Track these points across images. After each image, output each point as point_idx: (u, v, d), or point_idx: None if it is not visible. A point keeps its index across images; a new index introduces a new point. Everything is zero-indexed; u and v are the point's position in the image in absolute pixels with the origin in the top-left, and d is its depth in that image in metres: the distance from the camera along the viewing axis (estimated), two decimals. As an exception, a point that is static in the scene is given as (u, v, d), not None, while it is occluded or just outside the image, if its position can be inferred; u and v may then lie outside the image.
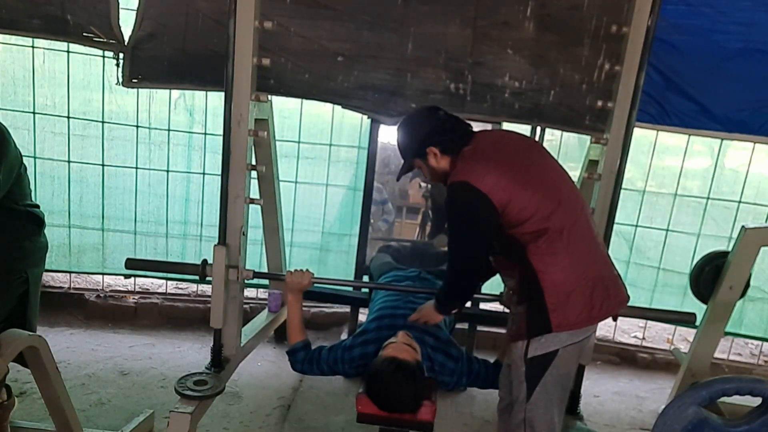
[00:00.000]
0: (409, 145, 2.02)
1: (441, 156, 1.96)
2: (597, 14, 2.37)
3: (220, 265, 2.30)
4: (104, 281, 3.76)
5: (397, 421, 2.02)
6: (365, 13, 2.44)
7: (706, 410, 1.73)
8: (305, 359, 2.27)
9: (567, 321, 1.84)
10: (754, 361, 3.80)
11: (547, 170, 1.96)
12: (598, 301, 1.86)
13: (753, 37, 2.73)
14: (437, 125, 1.97)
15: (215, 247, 2.32)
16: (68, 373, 2.91)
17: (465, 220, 1.89)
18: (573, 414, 2.44)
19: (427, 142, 1.96)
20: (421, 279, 2.62)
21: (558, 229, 1.82)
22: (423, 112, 2.04)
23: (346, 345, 2.25)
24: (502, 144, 1.99)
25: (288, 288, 2.37)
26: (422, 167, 2.03)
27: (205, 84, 2.65)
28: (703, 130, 3.00)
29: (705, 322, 2.74)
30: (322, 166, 3.49)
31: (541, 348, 1.86)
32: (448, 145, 1.95)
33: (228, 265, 2.32)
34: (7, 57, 3.21)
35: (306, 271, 2.36)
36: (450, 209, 1.90)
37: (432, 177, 2.04)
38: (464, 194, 1.83)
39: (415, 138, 1.99)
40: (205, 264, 2.36)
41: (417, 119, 2.03)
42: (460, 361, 2.19)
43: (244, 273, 2.40)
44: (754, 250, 2.61)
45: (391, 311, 2.35)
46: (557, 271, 1.83)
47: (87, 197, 3.44)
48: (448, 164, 1.96)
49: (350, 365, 2.22)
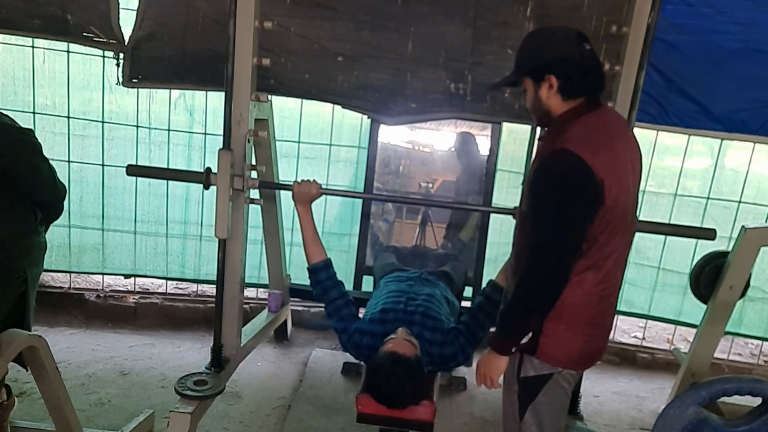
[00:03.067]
0: (530, 59, 1.68)
1: (554, 93, 1.63)
2: (597, 14, 2.37)
3: (225, 171, 2.19)
4: (104, 281, 3.75)
5: (397, 421, 2.02)
6: (365, 13, 2.44)
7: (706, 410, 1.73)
8: (327, 291, 2.25)
9: (553, 354, 1.68)
10: (754, 361, 3.80)
11: (634, 187, 1.71)
12: (590, 349, 1.72)
13: (753, 37, 2.73)
14: (575, 57, 1.61)
15: (220, 151, 2.21)
16: (68, 373, 2.91)
17: (559, 201, 1.55)
18: (573, 414, 2.44)
19: (552, 67, 1.62)
20: (423, 280, 2.62)
21: (610, 253, 1.63)
22: (569, 33, 1.64)
23: (360, 328, 2.22)
24: (619, 136, 1.68)
25: (296, 199, 2.32)
26: (528, 90, 1.69)
27: (205, 84, 2.65)
28: (703, 130, 3.00)
29: (705, 322, 2.74)
30: (322, 166, 3.49)
31: (534, 369, 1.71)
32: (570, 87, 1.62)
33: (233, 174, 2.24)
34: (7, 57, 3.21)
35: (313, 181, 2.33)
36: (549, 182, 1.57)
37: (532, 107, 1.71)
38: (563, 171, 1.54)
39: (542, 55, 1.64)
40: (209, 172, 2.26)
41: (555, 37, 1.66)
42: (455, 342, 2.17)
43: (249, 182, 2.31)
44: (754, 250, 2.61)
45: (393, 306, 2.36)
46: (575, 295, 1.62)
47: (87, 197, 3.44)
48: (558, 107, 1.65)
49: (355, 348, 2.21)
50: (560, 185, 1.55)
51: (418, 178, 4.03)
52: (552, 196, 1.56)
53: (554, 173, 1.56)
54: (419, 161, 4.17)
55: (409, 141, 4.14)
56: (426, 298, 2.40)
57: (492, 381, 1.74)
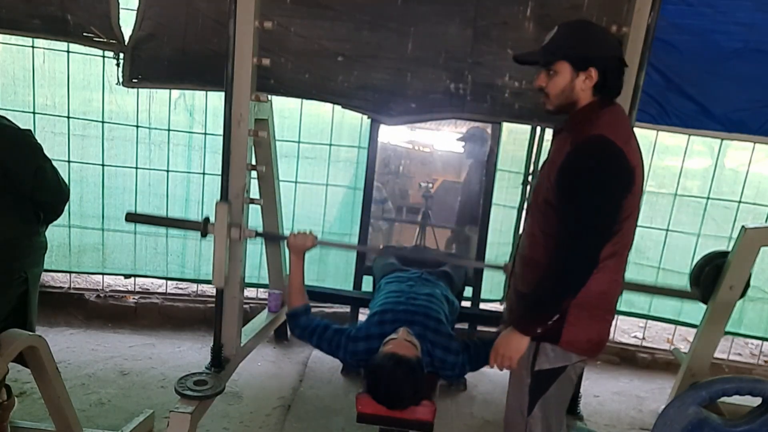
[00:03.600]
0: (576, 47, 1.67)
1: (589, 86, 1.66)
2: (597, 14, 2.36)
3: (222, 222, 2.24)
4: (104, 281, 3.75)
5: (397, 421, 2.02)
6: (365, 13, 2.44)
7: (706, 410, 1.73)
8: (307, 327, 2.25)
9: (576, 341, 1.72)
10: (754, 361, 3.80)
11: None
12: (604, 335, 1.78)
13: (753, 37, 2.73)
14: (617, 59, 1.69)
15: (218, 203, 2.25)
16: (68, 373, 2.91)
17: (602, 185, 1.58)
18: (573, 414, 2.44)
19: (598, 62, 1.65)
20: (423, 280, 2.62)
21: (627, 242, 1.70)
22: (611, 34, 1.74)
23: (351, 335, 2.23)
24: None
25: (291, 249, 2.35)
26: (561, 75, 1.68)
27: (205, 84, 2.65)
28: (703, 130, 3.00)
29: (705, 322, 2.74)
30: (322, 166, 3.49)
31: (549, 362, 1.75)
32: (604, 84, 1.67)
33: (231, 224, 2.27)
34: (7, 57, 3.21)
35: (309, 233, 2.35)
36: (589, 167, 1.59)
37: (558, 94, 1.70)
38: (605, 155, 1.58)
39: (590, 46, 1.66)
40: (207, 221, 2.30)
41: (605, 34, 1.73)
42: (460, 354, 2.18)
43: (246, 232, 2.35)
44: (754, 250, 2.61)
45: (393, 306, 2.35)
46: (599, 282, 1.66)
47: (87, 197, 3.44)
48: (584, 99, 1.68)
49: (353, 357, 2.21)
50: (600, 169, 1.58)
51: (418, 178, 4.04)
52: (593, 180, 1.58)
53: (594, 158, 1.59)
54: (419, 161, 4.17)
55: (409, 141, 4.15)
56: (427, 298, 2.40)
57: (511, 361, 1.73)
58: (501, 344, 1.73)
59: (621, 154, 1.58)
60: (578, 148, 1.61)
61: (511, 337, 1.71)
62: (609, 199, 1.59)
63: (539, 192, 1.75)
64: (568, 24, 1.73)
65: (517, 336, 1.70)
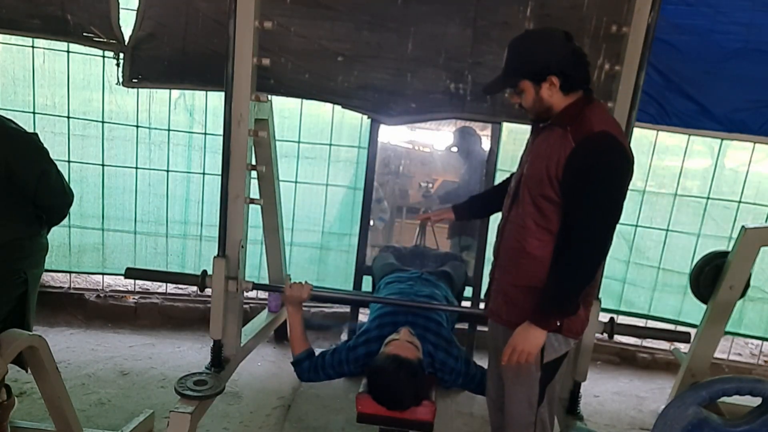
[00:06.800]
0: (526, 63, 1.74)
1: (556, 90, 1.72)
2: (597, 14, 2.36)
3: (219, 276, 2.32)
4: (104, 281, 3.75)
5: (398, 422, 2.02)
6: (365, 13, 2.44)
7: (706, 410, 1.73)
8: (311, 368, 2.27)
9: (575, 327, 1.82)
10: (754, 361, 3.80)
11: None
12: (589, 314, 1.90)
13: (752, 38, 2.73)
14: (569, 55, 1.72)
15: (215, 259, 2.34)
16: (68, 373, 2.91)
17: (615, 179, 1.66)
18: (573, 414, 2.44)
19: (552, 68, 1.70)
20: (423, 280, 2.62)
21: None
22: (557, 34, 1.74)
23: (350, 345, 2.25)
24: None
25: (287, 301, 2.38)
26: (527, 92, 1.76)
27: (205, 84, 2.65)
28: (703, 130, 2.99)
29: (705, 322, 2.74)
30: (322, 166, 3.49)
31: (555, 352, 1.82)
32: (570, 82, 1.72)
33: (228, 276, 2.34)
34: (7, 57, 3.21)
35: (305, 283, 2.37)
36: (601, 162, 1.65)
37: (531, 107, 1.78)
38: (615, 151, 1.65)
39: (539, 58, 1.72)
40: (204, 275, 2.38)
41: (548, 39, 1.75)
42: (460, 361, 2.19)
43: (243, 284, 2.41)
44: (754, 250, 2.61)
45: (392, 308, 2.36)
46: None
47: (87, 197, 3.44)
48: (560, 102, 1.74)
49: (355, 364, 2.22)
50: (612, 165, 1.66)
51: (418, 177, 4.03)
52: (606, 176, 1.65)
53: (606, 154, 1.65)
54: (419, 161, 4.17)
55: (409, 141, 4.14)
56: (427, 300, 2.40)
57: (530, 356, 1.74)
58: (518, 340, 1.74)
59: (625, 148, 1.69)
60: (586, 145, 1.66)
61: (530, 332, 1.72)
62: (620, 191, 1.68)
63: (532, 185, 1.77)
64: (512, 44, 1.79)
65: (535, 331, 1.72)
